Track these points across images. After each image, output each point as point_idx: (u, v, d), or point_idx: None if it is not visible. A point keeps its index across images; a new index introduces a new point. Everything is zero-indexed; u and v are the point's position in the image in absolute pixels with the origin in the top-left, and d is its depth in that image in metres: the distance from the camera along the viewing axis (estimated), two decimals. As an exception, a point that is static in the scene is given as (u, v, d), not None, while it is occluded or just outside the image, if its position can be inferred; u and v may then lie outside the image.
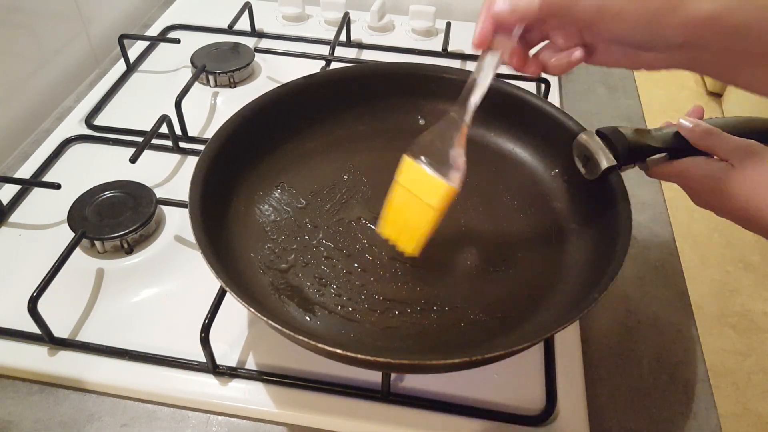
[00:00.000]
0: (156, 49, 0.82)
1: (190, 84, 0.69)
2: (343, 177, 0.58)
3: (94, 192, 0.57)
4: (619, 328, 0.54)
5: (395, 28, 0.88)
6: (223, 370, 0.47)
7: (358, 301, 0.48)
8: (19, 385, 0.47)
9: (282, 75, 0.77)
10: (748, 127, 0.49)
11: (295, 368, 0.48)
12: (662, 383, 0.50)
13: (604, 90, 0.81)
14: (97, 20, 0.82)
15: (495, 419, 0.45)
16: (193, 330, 0.45)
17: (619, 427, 0.47)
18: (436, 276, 0.50)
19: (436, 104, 0.62)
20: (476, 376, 0.47)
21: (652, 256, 0.60)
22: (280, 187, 0.56)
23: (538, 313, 0.47)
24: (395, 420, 0.45)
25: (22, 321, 0.48)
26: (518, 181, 0.57)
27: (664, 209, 0.64)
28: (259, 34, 0.84)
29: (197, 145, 0.66)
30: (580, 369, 0.49)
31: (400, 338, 0.46)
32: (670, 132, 0.49)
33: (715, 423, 0.47)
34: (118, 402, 0.47)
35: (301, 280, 0.49)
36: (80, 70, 0.80)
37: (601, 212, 0.49)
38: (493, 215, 0.55)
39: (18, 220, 0.59)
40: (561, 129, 0.54)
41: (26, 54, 0.71)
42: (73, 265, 0.51)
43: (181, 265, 0.55)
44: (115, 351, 0.48)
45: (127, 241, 0.54)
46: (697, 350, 0.52)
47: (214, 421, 0.46)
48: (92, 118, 0.70)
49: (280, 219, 0.54)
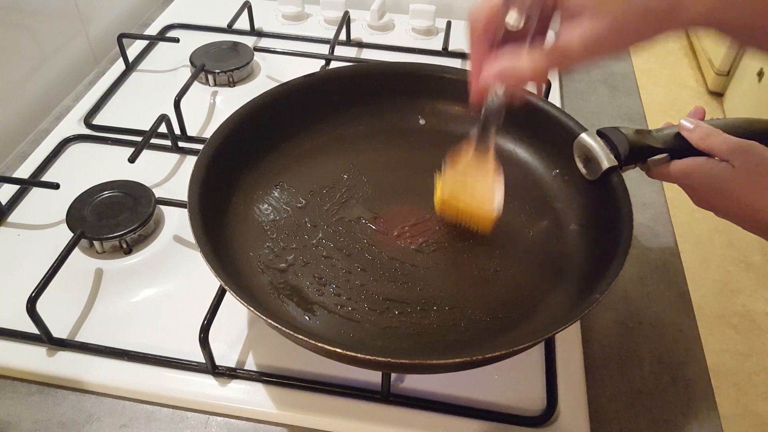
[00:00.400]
0: (155, 48, 0.82)
1: (189, 83, 0.68)
2: (342, 176, 0.58)
3: (93, 192, 0.57)
4: (620, 329, 0.53)
5: (395, 27, 0.88)
6: (223, 371, 0.47)
7: (358, 300, 0.48)
8: (17, 385, 0.47)
9: (281, 74, 0.76)
10: (748, 128, 0.49)
11: (295, 369, 0.48)
12: (663, 384, 0.50)
13: (605, 89, 0.80)
14: (96, 19, 0.82)
15: (495, 420, 0.45)
16: (192, 330, 0.45)
17: (620, 427, 0.47)
18: (436, 276, 0.50)
19: (436, 104, 0.62)
20: (477, 376, 0.47)
21: (653, 256, 0.59)
22: (280, 187, 0.56)
23: (539, 314, 0.47)
24: (395, 421, 0.45)
25: (20, 321, 0.48)
26: (519, 181, 0.57)
27: (665, 209, 0.64)
28: (259, 33, 0.84)
29: (196, 145, 0.66)
30: (581, 369, 0.49)
31: (400, 338, 0.46)
32: (671, 133, 0.49)
33: (716, 423, 0.47)
34: (117, 402, 0.47)
35: (300, 279, 0.49)
36: (79, 69, 0.80)
37: (602, 213, 0.49)
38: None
39: (17, 220, 0.58)
40: (562, 129, 0.54)
41: (25, 53, 0.71)
42: (71, 265, 0.51)
43: (181, 265, 0.55)
44: (114, 351, 0.48)
45: (126, 241, 0.54)
46: (698, 350, 0.52)
47: (213, 422, 0.46)
48: (91, 117, 0.70)
49: (280, 218, 0.53)
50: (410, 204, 0.55)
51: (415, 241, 0.52)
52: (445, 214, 0.52)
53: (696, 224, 1.68)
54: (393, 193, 0.56)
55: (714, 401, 0.49)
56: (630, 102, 0.78)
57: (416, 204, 0.55)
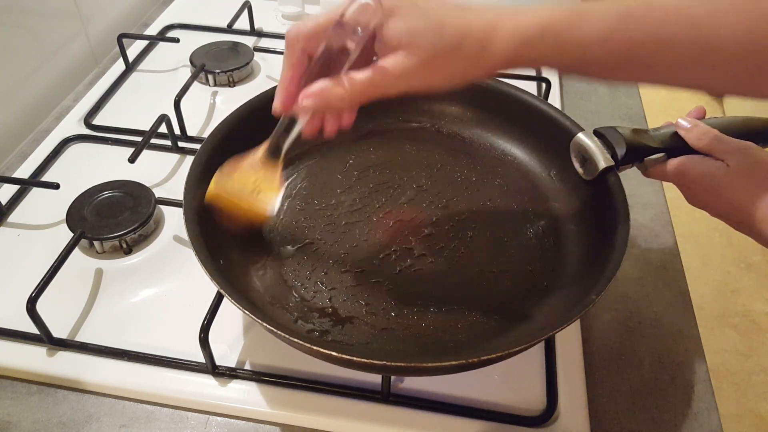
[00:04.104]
0: (155, 48, 0.82)
1: (189, 83, 0.68)
2: (338, 177, 0.58)
3: (93, 192, 0.57)
4: (620, 329, 0.53)
5: (395, 28, 0.88)
6: (223, 371, 0.47)
7: (355, 302, 0.48)
8: (17, 385, 0.47)
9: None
10: (745, 128, 0.49)
11: (295, 369, 0.47)
12: (663, 384, 0.50)
13: (606, 89, 0.80)
14: (96, 19, 0.82)
15: (496, 420, 0.45)
16: (192, 330, 0.45)
17: (620, 427, 0.47)
18: (433, 277, 0.50)
19: (434, 104, 0.62)
20: (477, 376, 0.47)
21: (653, 256, 0.59)
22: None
23: (536, 315, 0.47)
24: (396, 421, 0.45)
25: (20, 321, 0.48)
26: (515, 181, 0.57)
27: (666, 209, 0.64)
28: (259, 34, 0.84)
29: (196, 145, 0.66)
30: (581, 369, 0.49)
31: (397, 340, 0.45)
32: (669, 132, 0.49)
33: (716, 424, 0.47)
34: (117, 402, 0.47)
35: (297, 281, 0.49)
36: (79, 69, 0.80)
37: (599, 213, 0.49)
38: (490, 216, 0.55)
39: (17, 220, 0.58)
40: (558, 129, 0.54)
41: (25, 53, 0.71)
42: (71, 266, 0.51)
43: (181, 265, 0.55)
44: (114, 351, 0.48)
45: (126, 241, 0.54)
46: (698, 351, 0.52)
47: (213, 422, 0.46)
48: (91, 117, 0.70)
49: (276, 219, 0.53)
50: (408, 204, 0.55)
51: (412, 242, 0.52)
52: (213, 205, 0.47)
53: (696, 224, 1.67)
54: (390, 194, 0.56)
55: (714, 401, 0.49)
56: (630, 102, 0.78)
57: (414, 204, 0.55)
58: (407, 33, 0.36)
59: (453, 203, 0.56)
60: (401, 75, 0.36)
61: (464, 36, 0.36)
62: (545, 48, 0.36)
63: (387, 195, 0.56)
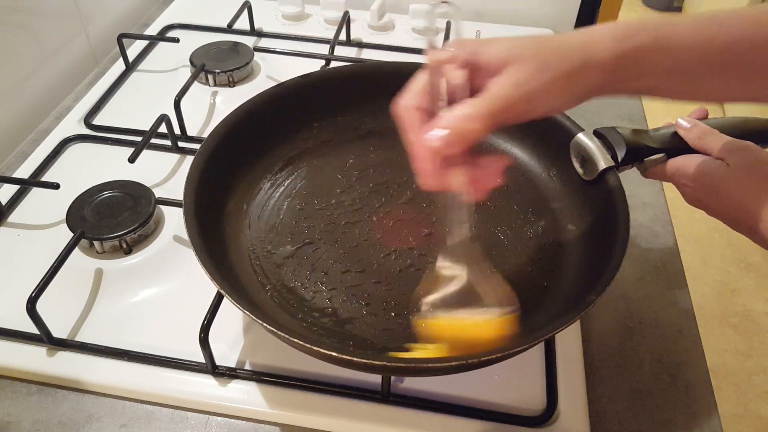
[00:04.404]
0: (155, 48, 0.82)
1: (189, 83, 0.68)
2: (339, 177, 0.58)
3: (93, 192, 0.57)
4: (620, 329, 0.53)
5: (395, 27, 0.88)
6: (223, 371, 0.47)
7: (355, 302, 0.48)
8: (17, 385, 0.47)
9: (281, 74, 0.76)
10: (745, 128, 0.49)
11: (296, 369, 0.47)
12: (663, 384, 0.50)
13: (605, 89, 0.80)
14: (96, 19, 0.82)
15: (496, 420, 0.45)
16: (192, 330, 0.45)
17: (620, 427, 0.47)
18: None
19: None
20: (477, 377, 0.47)
21: (653, 256, 0.59)
22: (277, 187, 0.56)
23: (536, 315, 0.47)
24: (396, 421, 0.45)
25: (20, 321, 0.48)
26: (515, 181, 0.57)
27: (666, 209, 0.64)
28: (259, 34, 0.84)
29: (196, 145, 0.66)
30: (581, 370, 0.49)
31: (397, 340, 0.45)
32: (668, 132, 0.49)
33: (716, 424, 0.47)
34: (117, 402, 0.47)
35: (297, 281, 0.49)
36: (79, 69, 0.80)
37: (599, 213, 0.49)
38: (490, 216, 0.55)
39: (16, 220, 0.58)
40: (558, 129, 0.54)
41: (25, 53, 0.71)
42: (71, 266, 0.51)
43: (181, 265, 0.55)
44: (114, 351, 0.48)
45: (126, 241, 0.54)
46: (698, 351, 0.52)
47: (213, 422, 0.46)
48: (91, 117, 0.70)
49: (277, 219, 0.53)
50: (408, 204, 0.55)
51: (412, 242, 0.52)
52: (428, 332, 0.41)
53: (696, 224, 1.68)
54: (391, 194, 0.56)
55: (714, 401, 0.49)
56: (630, 102, 0.78)
57: (414, 204, 0.55)
58: (506, 50, 0.36)
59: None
60: (521, 85, 0.36)
61: (560, 45, 0.36)
62: (646, 41, 0.35)
63: (387, 195, 0.56)
